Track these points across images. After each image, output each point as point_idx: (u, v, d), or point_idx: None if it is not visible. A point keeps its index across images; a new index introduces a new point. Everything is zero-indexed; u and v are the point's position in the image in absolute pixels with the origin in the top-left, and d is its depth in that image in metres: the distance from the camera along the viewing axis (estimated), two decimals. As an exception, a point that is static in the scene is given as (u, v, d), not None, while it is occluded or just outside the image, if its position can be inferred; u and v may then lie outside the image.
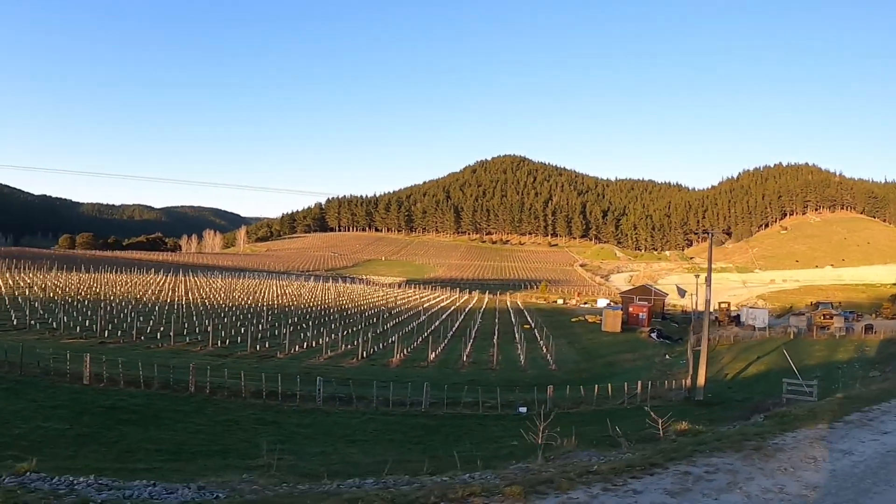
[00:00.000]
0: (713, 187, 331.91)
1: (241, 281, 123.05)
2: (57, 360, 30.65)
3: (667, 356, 59.84)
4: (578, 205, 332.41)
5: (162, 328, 56.16)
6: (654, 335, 72.49)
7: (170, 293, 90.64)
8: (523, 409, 31.83)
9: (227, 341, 52.28)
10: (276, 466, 11.38)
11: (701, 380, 37.57)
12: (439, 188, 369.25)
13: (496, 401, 33.21)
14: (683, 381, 40.75)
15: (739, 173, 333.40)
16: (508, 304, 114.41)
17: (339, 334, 58.65)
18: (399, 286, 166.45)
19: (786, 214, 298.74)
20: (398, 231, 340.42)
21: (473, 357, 54.50)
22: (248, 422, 25.80)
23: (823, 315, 70.49)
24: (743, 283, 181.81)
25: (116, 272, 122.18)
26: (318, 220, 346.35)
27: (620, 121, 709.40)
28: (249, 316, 71.14)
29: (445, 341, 62.19)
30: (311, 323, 67.82)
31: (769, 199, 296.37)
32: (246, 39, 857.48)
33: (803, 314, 72.70)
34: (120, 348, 42.85)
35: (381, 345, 56.91)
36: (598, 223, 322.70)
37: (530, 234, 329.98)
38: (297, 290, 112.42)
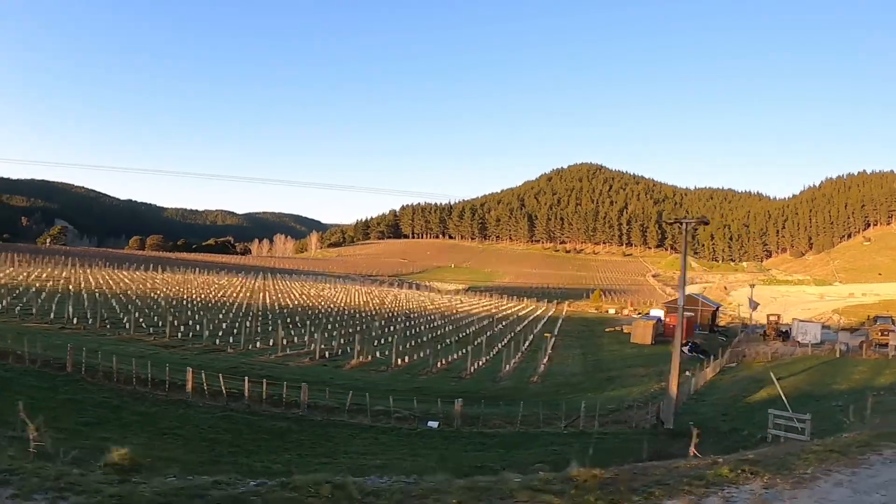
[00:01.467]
0: (794, 196, 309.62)
1: (277, 282, 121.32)
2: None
3: (687, 372, 52.50)
4: (654, 214, 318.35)
5: (143, 320, 54.02)
6: (685, 349, 64.74)
7: (173, 290, 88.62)
8: (434, 424, 27.51)
9: (190, 334, 50.37)
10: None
11: (674, 402, 31.00)
12: (514, 196, 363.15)
13: (411, 411, 28.73)
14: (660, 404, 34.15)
15: (821, 182, 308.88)
16: (554, 312, 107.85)
17: (330, 334, 55.08)
18: (456, 293, 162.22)
19: (869, 225, 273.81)
20: (471, 239, 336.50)
21: (454, 364, 49.70)
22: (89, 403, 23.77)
23: (881, 331, 60.86)
24: (820, 296, 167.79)
25: (162, 271, 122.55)
26: (391, 226, 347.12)
27: (702, 128, 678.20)
28: (259, 315, 68.31)
29: (439, 346, 57.78)
30: (317, 324, 64.23)
31: (852, 208, 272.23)
32: (329, 45, 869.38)
33: (854, 330, 63.29)
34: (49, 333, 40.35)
35: (369, 346, 52.70)
36: (674, 232, 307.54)
37: (605, 242, 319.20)
38: (334, 292, 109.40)
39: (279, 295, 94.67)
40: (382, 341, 57.35)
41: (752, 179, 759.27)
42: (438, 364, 48.44)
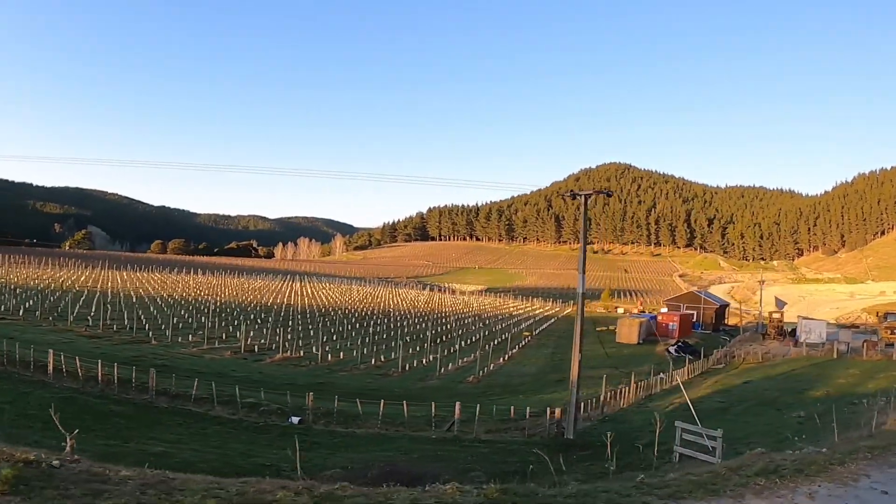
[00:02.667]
0: (826, 193, 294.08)
1: (281, 283, 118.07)
2: None
3: (662, 374, 46.84)
4: (683, 213, 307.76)
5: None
6: (673, 349, 58.90)
7: (157, 288, 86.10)
8: (295, 419, 25.45)
9: (130, 328, 49.08)
10: None
11: (573, 410, 25.82)
12: (541, 197, 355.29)
13: (281, 406, 26.94)
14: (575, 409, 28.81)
15: (854, 177, 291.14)
16: (559, 311, 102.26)
17: (285, 329, 52.28)
18: (471, 294, 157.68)
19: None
20: (498, 240, 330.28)
21: (392, 362, 46.47)
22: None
23: (891, 329, 54.05)
24: (850, 294, 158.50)
25: (177, 273, 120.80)
26: (418, 229, 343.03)
27: (732, 126, 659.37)
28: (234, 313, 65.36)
29: (394, 343, 54.32)
30: (278, 320, 61.66)
31: (885, 204, 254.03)
32: (361, 49, 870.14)
33: (857, 327, 56.44)
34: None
35: (330, 342, 50.59)
36: (704, 232, 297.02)
37: (633, 243, 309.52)
38: (331, 292, 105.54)
39: (267, 295, 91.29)
40: (343, 337, 55.69)
41: (784, 177, 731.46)
42: (373, 361, 45.96)
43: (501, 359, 51.83)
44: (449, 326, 70.84)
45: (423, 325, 71.11)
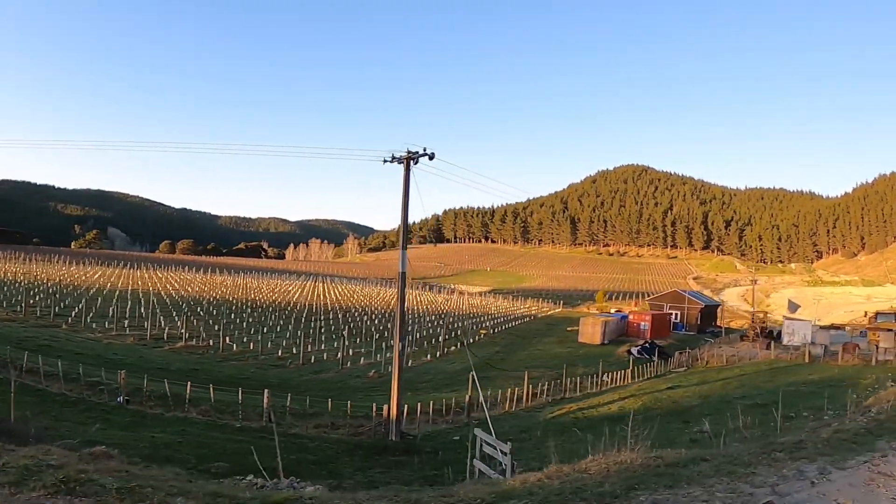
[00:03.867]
0: (846, 195, 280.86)
1: (263, 281, 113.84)
2: None
3: (605, 377, 41.04)
4: (700, 215, 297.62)
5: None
6: (635, 350, 52.72)
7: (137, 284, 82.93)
8: (121, 399, 24.07)
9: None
10: None
11: (394, 410, 21.33)
12: (557, 199, 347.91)
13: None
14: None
15: (875, 178, 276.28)
16: (548, 311, 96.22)
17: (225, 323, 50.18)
18: (474, 294, 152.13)
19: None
20: (513, 243, 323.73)
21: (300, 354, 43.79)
22: None
23: (878, 330, 47.34)
24: (867, 297, 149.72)
25: (156, 270, 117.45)
26: (434, 231, 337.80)
27: (753, 127, 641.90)
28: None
29: (342, 337, 51.38)
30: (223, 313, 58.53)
31: None
32: (381, 51, 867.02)
33: (838, 328, 49.67)
34: None
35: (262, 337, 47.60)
36: (721, 234, 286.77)
37: (649, 245, 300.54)
38: (310, 290, 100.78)
39: (239, 291, 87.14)
40: (278, 331, 54.30)
41: (805, 178, 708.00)
42: (279, 353, 44.34)
43: (430, 356, 48.12)
44: (410, 323, 65.64)
45: (379, 321, 66.11)
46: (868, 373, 34.36)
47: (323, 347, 47.86)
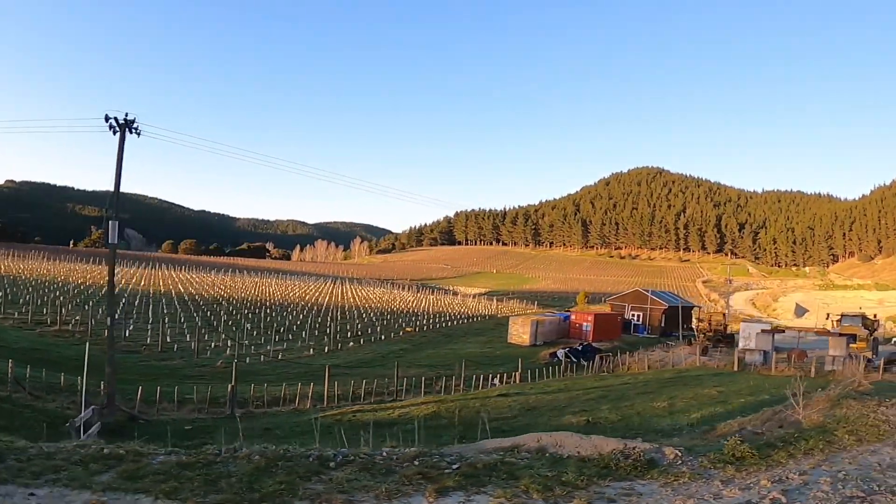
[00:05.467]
0: (863, 197, 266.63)
1: (242, 279, 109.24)
2: None
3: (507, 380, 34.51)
4: (713, 217, 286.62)
5: None
6: (561, 352, 45.57)
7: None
8: None
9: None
10: None
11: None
12: (569, 202, 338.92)
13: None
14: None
15: (893, 180, 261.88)
16: (522, 313, 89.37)
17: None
18: (467, 296, 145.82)
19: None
20: (525, 245, 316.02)
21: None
22: None
23: (829, 335, 39.55)
24: (879, 301, 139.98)
25: (138, 268, 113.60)
26: (445, 233, 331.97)
27: (772, 129, 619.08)
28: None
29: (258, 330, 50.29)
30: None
31: None
32: (397, 57, 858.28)
33: (783, 331, 41.91)
34: None
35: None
36: (734, 237, 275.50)
37: (661, 248, 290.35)
38: (281, 288, 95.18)
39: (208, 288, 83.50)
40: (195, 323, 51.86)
41: (823, 181, 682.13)
42: (147, 340, 43.89)
43: (330, 349, 46.54)
44: (355, 320, 61.74)
45: (324, 318, 62.46)
46: (788, 386, 26.92)
47: (206, 339, 45.57)
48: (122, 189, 24.00)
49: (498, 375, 34.50)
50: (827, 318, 49.53)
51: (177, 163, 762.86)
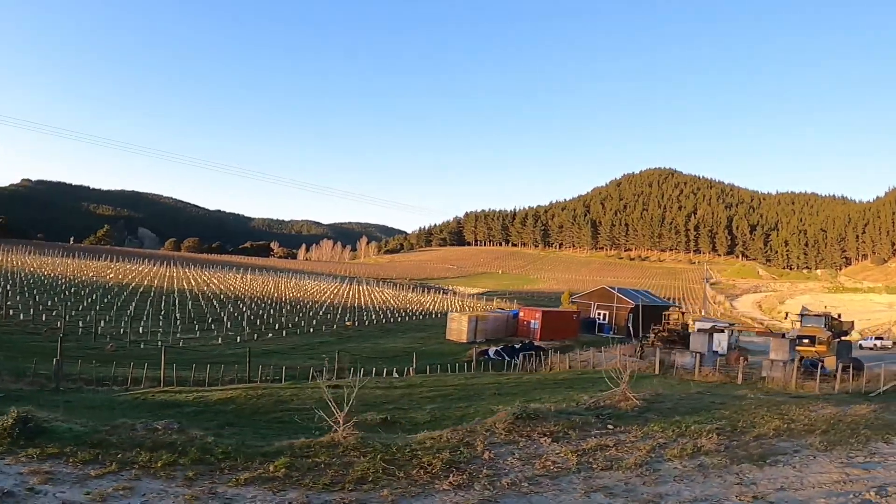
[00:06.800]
0: (878, 199, 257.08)
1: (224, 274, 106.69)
2: None
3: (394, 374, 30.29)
4: (724, 219, 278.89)
5: None
6: (492, 351, 41.29)
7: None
8: None
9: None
10: None
11: None
12: (580, 203, 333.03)
13: None
14: None
15: None
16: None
17: None
18: (467, 296, 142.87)
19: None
20: (534, 246, 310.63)
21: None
22: None
23: (772, 335, 34.71)
24: (889, 305, 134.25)
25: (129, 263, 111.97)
26: (454, 234, 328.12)
27: (786, 131, 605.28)
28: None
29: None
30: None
31: None
32: (407, 61, 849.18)
33: (721, 330, 37.00)
34: None
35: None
36: (745, 239, 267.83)
37: (671, 249, 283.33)
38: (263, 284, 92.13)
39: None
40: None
41: (838, 183, 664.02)
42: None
43: (257, 338, 45.39)
44: (290, 314, 60.11)
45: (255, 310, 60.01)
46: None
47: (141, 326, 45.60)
48: (138, 188, 20.21)
49: (396, 370, 30.51)
50: (786, 318, 44.40)
51: (192, 163, 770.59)
